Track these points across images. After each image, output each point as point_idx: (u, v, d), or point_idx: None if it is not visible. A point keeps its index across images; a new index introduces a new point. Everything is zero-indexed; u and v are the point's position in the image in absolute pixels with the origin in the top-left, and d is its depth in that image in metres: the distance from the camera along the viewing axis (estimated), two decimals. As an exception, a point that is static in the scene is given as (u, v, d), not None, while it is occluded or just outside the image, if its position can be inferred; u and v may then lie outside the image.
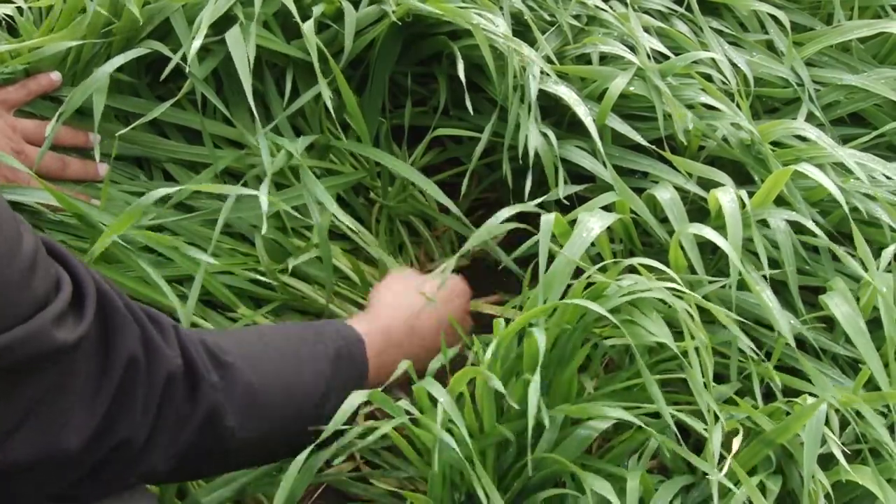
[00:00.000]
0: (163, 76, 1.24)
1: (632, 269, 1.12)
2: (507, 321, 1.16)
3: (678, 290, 1.07)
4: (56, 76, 1.27)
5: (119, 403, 0.84)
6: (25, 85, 1.26)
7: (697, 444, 1.20)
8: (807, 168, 1.26)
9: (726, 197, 1.20)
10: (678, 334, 1.08)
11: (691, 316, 1.07)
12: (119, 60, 1.24)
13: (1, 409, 0.77)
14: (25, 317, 0.76)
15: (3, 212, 0.75)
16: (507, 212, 1.21)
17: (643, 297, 1.06)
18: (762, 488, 1.05)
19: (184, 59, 1.24)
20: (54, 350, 0.78)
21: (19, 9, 1.30)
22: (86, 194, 1.27)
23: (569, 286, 1.11)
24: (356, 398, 1.00)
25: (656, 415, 1.09)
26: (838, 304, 1.20)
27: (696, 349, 1.06)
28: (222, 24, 1.26)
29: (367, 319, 1.13)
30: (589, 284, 1.09)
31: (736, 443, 1.02)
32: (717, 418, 1.05)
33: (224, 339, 0.96)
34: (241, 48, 1.23)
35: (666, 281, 1.09)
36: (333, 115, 1.31)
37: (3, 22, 1.33)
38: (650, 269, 1.11)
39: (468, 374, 1.02)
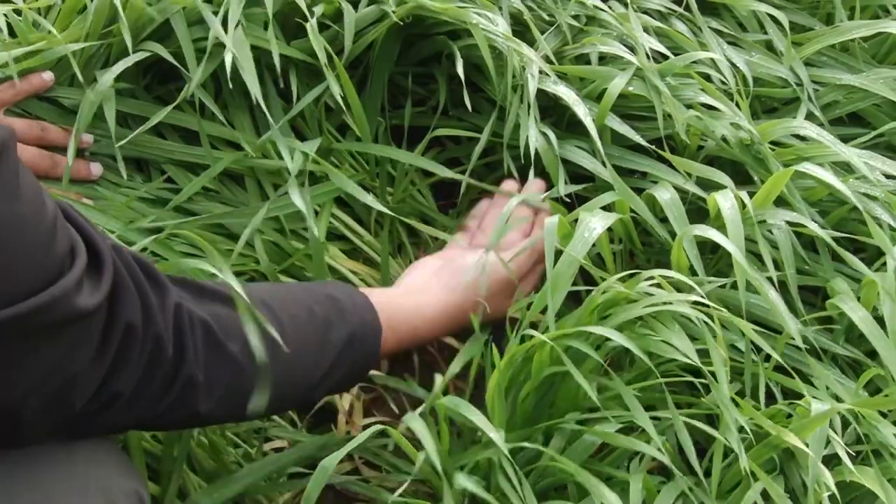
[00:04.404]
0: (184, 91, 1.24)
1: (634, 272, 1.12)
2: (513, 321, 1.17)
3: (701, 304, 1.07)
4: (48, 76, 1.26)
5: (117, 364, 0.88)
6: (15, 85, 1.25)
7: (698, 445, 1.20)
8: (808, 167, 1.26)
9: (726, 202, 1.20)
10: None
11: (713, 332, 1.07)
12: (120, 66, 1.23)
13: (22, 369, 0.81)
14: (50, 280, 0.79)
15: (27, 176, 0.78)
16: (517, 199, 1.21)
17: (664, 310, 1.06)
18: (765, 493, 1.05)
19: (182, 61, 1.24)
20: (75, 316, 0.81)
21: (18, 10, 1.30)
22: (79, 193, 1.27)
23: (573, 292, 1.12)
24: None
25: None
26: (853, 308, 1.20)
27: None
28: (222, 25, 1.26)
29: (392, 306, 1.12)
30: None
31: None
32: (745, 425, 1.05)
33: (234, 322, 0.98)
34: (246, 49, 1.23)
35: (674, 287, 1.10)
36: (335, 114, 1.31)
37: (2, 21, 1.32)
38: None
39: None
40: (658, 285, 1.11)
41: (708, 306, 1.08)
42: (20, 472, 0.86)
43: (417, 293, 1.17)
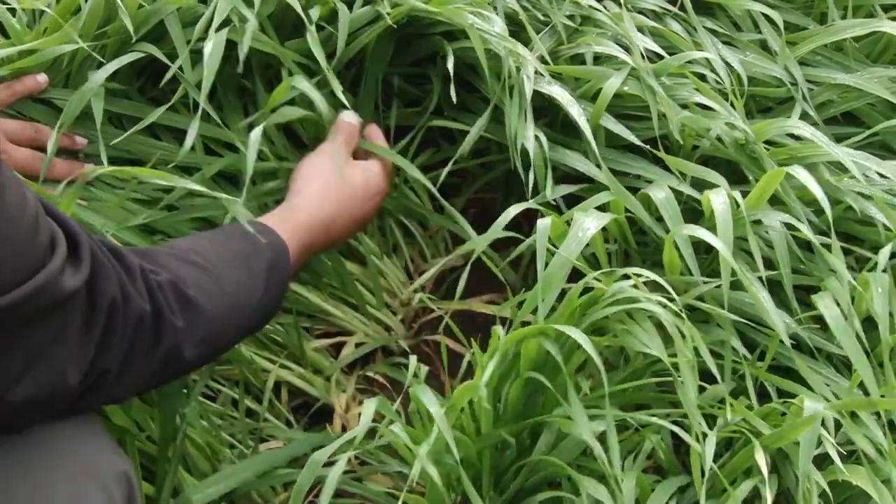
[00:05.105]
0: (162, 82, 1.24)
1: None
2: (503, 320, 1.17)
3: (667, 301, 1.08)
4: (42, 78, 1.26)
5: (103, 342, 0.92)
6: (10, 86, 1.25)
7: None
8: (797, 171, 1.25)
9: (718, 199, 1.20)
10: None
11: (682, 334, 1.07)
12: (113, 66, 1.23)
13: (12, 356, 0.84)
14: (36, 268, 0.83)
15: (8, 172, 0.82)
16: (514, 210, 1.22)
17: (634, 307, 1.07)
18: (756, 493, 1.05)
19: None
20: (62, 298, 0.86)
21: (12, 10, 1.30)
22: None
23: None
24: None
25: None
26: (828, 305, 1.20)
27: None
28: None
29: (292, 224, 1.20)
30: (586, 289, 1.09)
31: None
32: (706, 430, 1.05)
33: (184, 269, 1.04)
34: (218, 54, 1.22)
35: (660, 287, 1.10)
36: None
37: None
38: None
39: (468, 392, 1.03)
40: (641, 285, 1.12)
41: (671, 303, 1.09)
42: (11, 457, 0.88)
43: (303, 209, 1.23)
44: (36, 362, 0.86)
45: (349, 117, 1.31)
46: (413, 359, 1.09)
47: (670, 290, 1.10)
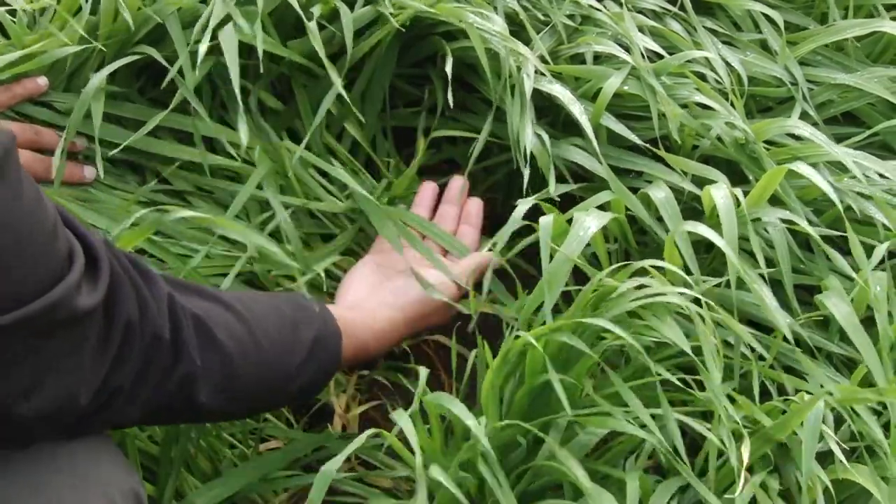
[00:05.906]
0: (163, 84, 1.24)
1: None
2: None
3: (690, 294, 1.07)
4: (42, 81, 1.26)
5: (118, 360, 0.90)
6: (10, 88, 1.25)
7: (692, 443, 1.20)
8: (800, 167, 1.26)
9: (720, 193, 1.20)
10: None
11: (702, 318, 1.07)
12: (111, 68, 1.23)
13: (25, 370, 0.82)
14: (54, 279, 0.81)
15: (27, 180, 0.79)
16: (525, 204, 1.21)
17: (656, 301, 1.06)
18: (763, 486, 1.05)
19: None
20: (79, 315, 0.84)
21: (13, 11, 1.29)
22: (73, 196, 1.26)
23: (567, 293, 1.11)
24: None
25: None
26: (836, 303, 1.20)
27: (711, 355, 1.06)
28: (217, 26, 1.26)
29: (352, 330, 1.15)
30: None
31: (745, 452, 1.03)
32: (734, 414, 1.05)
33: (216, 310, 1.01)
34: (234, 49, 1.22)
35: (668, 282, 1.09)
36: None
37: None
38: (655, 268, 1.11)
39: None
40: (650, 277, 1.11)
41: (698, 298, 1.08)
42: (21, 475, 0.87)
43: (361, 310, 1.20)
44: (46, 377, 0.84)
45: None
46: (423, 370, 1.08)
47: (689, 280, 1.10)
